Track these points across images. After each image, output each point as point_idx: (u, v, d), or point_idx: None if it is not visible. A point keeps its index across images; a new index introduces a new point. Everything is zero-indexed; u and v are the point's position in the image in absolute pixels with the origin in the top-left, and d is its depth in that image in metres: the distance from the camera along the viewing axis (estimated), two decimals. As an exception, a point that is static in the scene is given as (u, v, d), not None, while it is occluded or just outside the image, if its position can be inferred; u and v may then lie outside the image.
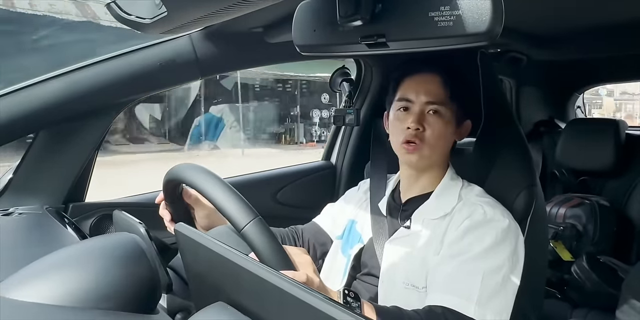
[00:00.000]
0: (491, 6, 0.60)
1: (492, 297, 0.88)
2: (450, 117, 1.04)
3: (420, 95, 1.03)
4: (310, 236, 1.23)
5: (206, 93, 10.65)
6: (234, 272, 0.55)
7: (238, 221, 0.70)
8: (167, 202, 0.98)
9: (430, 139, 1.02)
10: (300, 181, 1.80)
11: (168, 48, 1.25)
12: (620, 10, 1.29)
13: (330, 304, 0.43)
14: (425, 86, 1.04)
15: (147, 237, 0.77)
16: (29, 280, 0.60)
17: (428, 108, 1.03)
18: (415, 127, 1.01)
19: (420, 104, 1.03)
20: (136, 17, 0.89)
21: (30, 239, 1.00)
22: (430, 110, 1.03)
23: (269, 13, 1.13)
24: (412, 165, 1.07)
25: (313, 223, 1.27)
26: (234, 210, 0.71)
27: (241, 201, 0.72)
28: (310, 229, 1.25)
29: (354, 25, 0.71)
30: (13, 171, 1.24)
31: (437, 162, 1.07)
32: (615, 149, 1.82)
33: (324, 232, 1.23)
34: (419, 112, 1.03)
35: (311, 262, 0.78)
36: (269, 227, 0.72)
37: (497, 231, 0.93)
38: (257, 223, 0.70)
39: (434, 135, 1.02)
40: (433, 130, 1.02)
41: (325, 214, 1.28)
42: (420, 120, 1.02)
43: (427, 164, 1.06)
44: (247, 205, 0.72)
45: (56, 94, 1.15)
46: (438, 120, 1.02)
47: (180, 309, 0.79)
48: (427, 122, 1.02)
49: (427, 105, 1.03)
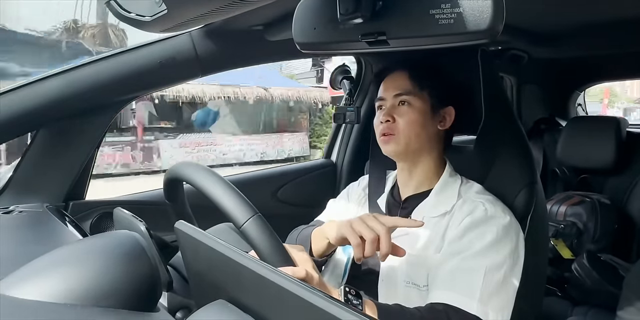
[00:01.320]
0: (492, 4, 0.60)
1: (494, 294, 0.88)
2: (422, 105, 1.06)
3: (390, 91, 1.09)
4: None
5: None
6: (235, 269, 0.55)
7: (237, 218, 0.70)
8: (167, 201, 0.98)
9: (404, 128, 1.05)
10: (301, 179, 1.80)
11: (168, 46, 1.25)
12: (620, 7, 1.28)
13: (331, 302, 0.43)
14: (394, 82, 1.09)
15: (148, 235, 0.77)
16: (30, 278, 0.60)
17: (397, 100, 1.07)
18: (385, 119, 1.06)
19: (390, 99, 1.08)
20: (136, 15, 0.89)
21: (30, 237, 1.00)
22: (400, 101, 1.07)
23: (269, 11, 1.13)
24: (394, 155, 1.09)
25: (318, 222, 1.26)
26: (233, 207, 0.71)
27: (240, 198, 0.72)
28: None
29: (355, 22, 0.71)
30: (13, 169, 1.24)
31: (422, 151, 1.08)
32: (616, 146, 1.81)
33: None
34: (390, 106, 1.08)
35: (309, 259, 0.78)
36: (269, 224, 0.72)
37: (498, 228, 0.93)
38: (257, 220, 0.70)
39: (405, 124, 1.05)
40: (404, 119, 1.05)
41: (328, 211, 1.28)
42: (391, 113, 1.06)
43: (409, 152, 1.07)
44: (247, 202, 0.72)
45: (56, 91, 1.15)
46: (408, 109, 1.06)
47: (181, 307, 0.79)
48: (397, 112, 1.07)
49: (396, 98, 1.07)
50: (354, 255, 0.89)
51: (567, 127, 2.00)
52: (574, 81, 2.37)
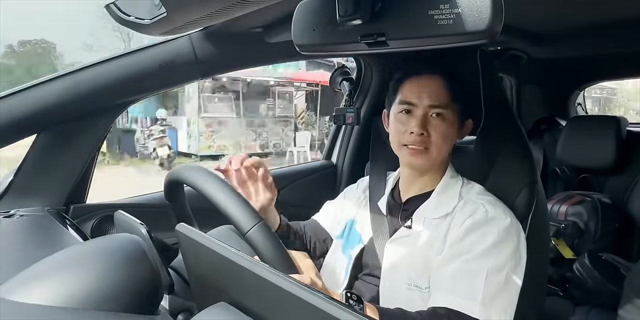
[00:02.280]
0: (491, 4, 0.60)
1: (496, 297, 0.88)
2: (453, 118, 1.03)
3: (423, 99, 1.02)
4: (311, 233, 1.23)
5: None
6: (236, 272, 0.54)
7: (242, 225, 0.70)
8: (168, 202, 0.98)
9: (437, 143, 1.01)
10: (301, 181, 1.80)
11: (168, 49, 1.25)
12: (619, 7, 1.28)
13: (333, 304, 0.43)
14: (427, 89, 1.02)
15: (149, 238, 0.77)
16: (31, 282, 0.60)
17: (431, 111, 1.02)
18: (419, 132, 1.00)
19: (423, 108, 1.02)
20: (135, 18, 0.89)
21: (31, 241, 1.00)
22: (434, 113, 1.01)
23: (268, 13, 1.13)
24: (415, 167, 1.07)
25: (313, 220, 1.28)
26: (238, 214, 0.71)
27: (245, 204, 0.72)
28: (311, 225, 1.26)
29: (354, 24, 0.71)
30: (14, 173, 1.24)
31: (439, 162, 1.07)
32: (616, 146, 1.81)
33: (323, 229, 1.24)
34: (422, 116, 1.02)
35: (313, 265, 0.78)
36: (273, 231, 0.72)
37: (499, 230, 0.93)
38: (261, 227, 0.70)
39: (439, 139, 1.01)
40: (438, 134, 1.01)
41: (324, 211, 1.28)
42: (424, 125, 1.01)
43: (431, 166, 1.06)
44: (251, 209, 0.72)
45: (57, 95, 1.15)
46: (441, 123, 1.01)
47: (182, 310, 0.79)
48: (431, 125, 1.01)
49: (431, 108, 1.01)
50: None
51: (567, 126, 2.00)
52: (573, 81, 2.36)
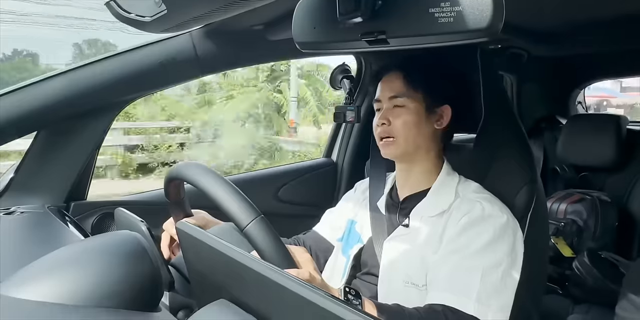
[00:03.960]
0: (492, 2, 0.60)
1: (492, 294, 0.88)
2: (417, 105, 1.06)
3: (385, 93, 1.09)
4: (312, 244, 1.23)
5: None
6: (236, 269, 0.55)
7: (240, 220, 0.71)
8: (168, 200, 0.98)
9: (399, 130, 1.05)
10: (302, 178, 1.80)
11: (168, 46, 1.25)
12: (620, 4, 1.28)
13: (332, 301, 0.43)
14: (388, 84, 1.09)
15: (149, 235, 0.77)
16: (31, 278, 0.60)
17: (392, 103, 1.07)
18: (380, 122, 1.06)
19: (386, 101, 1.09)
20: (136, 16, 0.89)
21: (32, 238, 1.00)
22: (395, 104, 1.07)
23: (269, 10, 1.13)
24: (394, 158, 1.09)
25: (313, 231, 1.27)
26: (236, 208, 0.71)
27: (243, 200, 0.72)
28: (312, 237, 1.25)
29: (354, 22, 0.71)
30: (14, 170, 1.24)
31: (419, 151, 1.07)
32: (616, 144, 1.81)
33: (324, 239, 1.23)
34: (385, 108, 1.08)
35: (311, 260, 0.78)
36: (272, 226, 0.72)
37: (495, 227, 0.94)
38: (260, 222, 0.70)
39: (401, 126, 1.05)
40: (399, 121, 1.06)
41: (323, 221, 1.28)
42: (386, 116, 1.07)
43: (407, 153, 1.07)
44: (250, 204, 0.72)
45: (57, 92, 1.15)
46: (402, 111, 1.06)
47: (182, 307, 0.80)
48: (393, 115, 1.06)
49: (391, 100, 1.08)
50: None
51: (567, 125, 2.00)
52: (573, 79, 2.36)
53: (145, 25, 0.90)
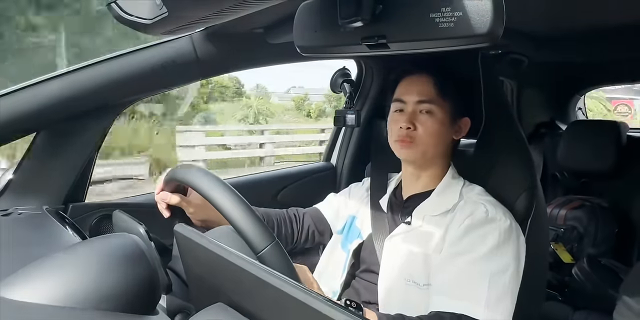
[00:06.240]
0: (492, 7, 0.60)
1: (500, 299, 0.88)
2: (443, 115, 1.05)
3: (412, 95, 1.06)
4: (310, 223, 1.23)
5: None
6: (234, 273, 0.54)
7: (256, 244, 0.71)
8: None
9: (423, 137, 1.04)
10: (301, 182, 1.80)
11: (169, 48, 1.25)
12: (621, 11, 1.28)
13: (331, 306, 0.43)
14: (416, 87, 1.07)
15: (147, 237, 0.77)
16: (29, 280, 0.60)
17: (420, 107, 1.05)
18: (406, 126, 1.04)
19: (412, 104, 1.06)
20: (137, 18, 0.89)
21: (29, 240, 1.00)
22: (422, 109, 1.05)
23: (270, 14, 1.13)
24: (408, 160, 1.08)
25: (316, 209, 1.26)
26: (252, 232, 0.72)
27: (259, 223, 0.73)
28: (313, 215, 1.25)
29: (355, 26, 0.71)
30: (13, 171, 1.24)
31: (435, 159, 1.08)
32: (616, 150, 1.81)
33: (326, 221, 1.23)
34: (411, 111, 1.06)
35: (313, 279, 0.81)
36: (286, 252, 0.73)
37: (500, 231, 0.93)
38: (275, 247, 0.71)
39: (425, 133, 1.04)
40: (425, 128, 1.04)
41: (328, 202, 1.28)
42: (412, 119, 1.05)
43: (423, 160, 1.07)
44: (265, 228, 0.73)
45: (57, 93, 1.15)
46: (429, 118, 1.04)
47: (180, 310, 0.79)
48: (419, 120, 1.05)
49: (419, 104, 1.05)
50: None
51: (568, 131, 2.00)
52: (574, 85, 2.37)
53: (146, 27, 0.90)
